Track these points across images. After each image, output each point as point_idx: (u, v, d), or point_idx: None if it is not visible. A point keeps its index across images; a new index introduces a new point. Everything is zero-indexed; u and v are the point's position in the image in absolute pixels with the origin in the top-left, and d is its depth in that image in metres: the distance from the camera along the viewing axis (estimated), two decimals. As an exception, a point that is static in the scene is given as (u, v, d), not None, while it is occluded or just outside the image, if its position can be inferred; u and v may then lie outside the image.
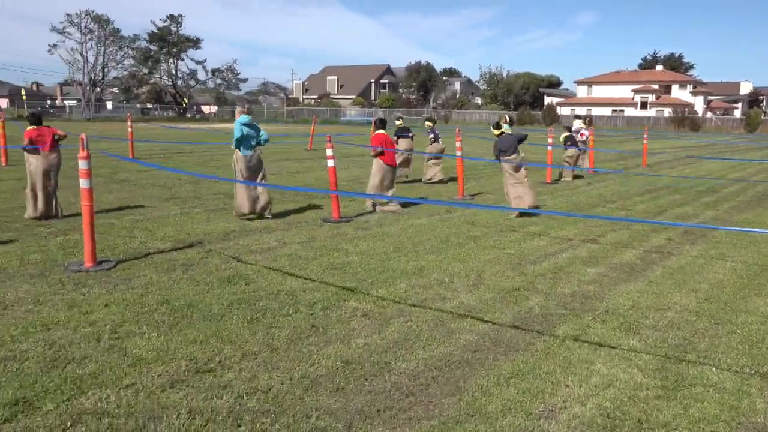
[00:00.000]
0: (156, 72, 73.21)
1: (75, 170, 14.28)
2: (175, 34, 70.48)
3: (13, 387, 3.65)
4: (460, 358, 4.33)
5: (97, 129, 35.70)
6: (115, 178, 13.79)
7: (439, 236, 8.26)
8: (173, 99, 74.01)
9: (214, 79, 75.77)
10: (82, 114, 62.88)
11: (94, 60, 66.71)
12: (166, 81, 74.16)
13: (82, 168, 6.18)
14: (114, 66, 69.06)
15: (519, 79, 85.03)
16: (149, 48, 70.71)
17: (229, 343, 4.43)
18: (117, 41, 67.61)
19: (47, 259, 6.54)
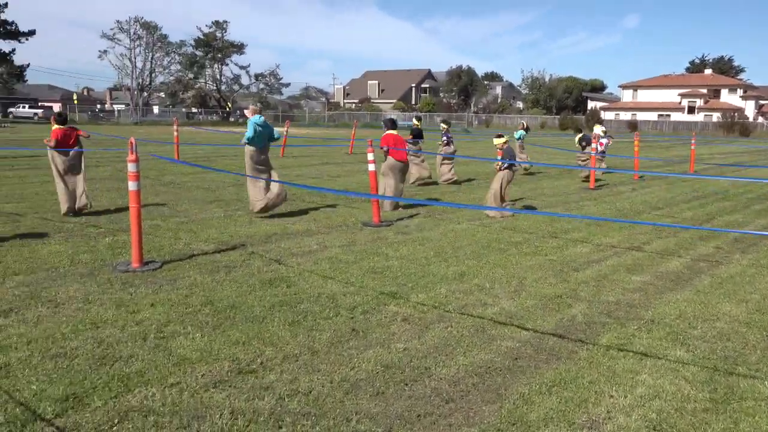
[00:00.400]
0: (201, 77, 74.76)
1: (123, 172, 14.69)
2: (220, 39, 71.85)
3: (64, 383, 3.76)
4: (500, 365, 4.29)
5: (143, 133, 36.62)
6: (161, 180, 14.11)
7: (480, 241, 8.20)
8: (217, 103, 75.40)
9: (257, 84, 76.93)
10: (130, 118, 64.61)
11: (142, 65, 68.54)
12: (211, 86, 75.63)
13: (130, 171, 6.34)
14: (161, 71, 70.83)
15: (561, 83, 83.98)
16: (195, 53, 72.27)
17: (271, 344, 4.49)
18: (164, 47, 69.28)
19: (96, 259, 6.73)
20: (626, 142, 37.53)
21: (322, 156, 22.87)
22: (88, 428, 3.27)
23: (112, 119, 65.93)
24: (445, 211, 10.54)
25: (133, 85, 68.54)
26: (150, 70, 69.34)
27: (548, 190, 14.34)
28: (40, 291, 5.54)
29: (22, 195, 11.24)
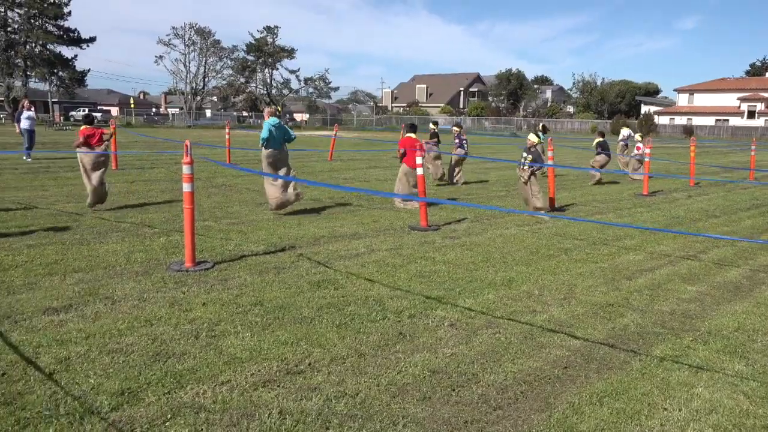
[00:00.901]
0: (252, 81, 76.28)
1: (177, 174, 15.06)
2: (271, 44, 73.16)
3: (120, 378, 3.88)
4: (550, 373, 4.22)
5: (196, 136, 37.52)
6: (213, 182, 14.42)
7: (529, 247, 8.10)
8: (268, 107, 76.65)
9: (307, 88, 77.98)
10: (183, 121, 66.30)
11: (195, 70, 70.25)
12: (262, 90, 77.04)
13: (185, 173, 6.50)
14: (214, 76, 72.46)
15: (614, 87, 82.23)
16: (246, 58, 73.76)
17: (319, 346, 4.53)
18: (217, 52, 70.87)
19: (151, 258, 6.93)
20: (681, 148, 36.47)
21: (370, 159, 22.97)
22: (142, 423, 3.36)
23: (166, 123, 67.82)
24: (493, 215, 10.45)
25: (186, 89, 70.32)
26: (203, 75, 71.05)
27: (600, 195, 14.05)
28: (98, 288, 5.73)
29: (81, 195, 11.64)
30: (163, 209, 10.22)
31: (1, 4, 55.47)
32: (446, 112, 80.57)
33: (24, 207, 10.08)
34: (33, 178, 14.09)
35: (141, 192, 12.32)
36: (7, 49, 56.32)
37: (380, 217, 10.07)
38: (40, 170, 15.95)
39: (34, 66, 57.86)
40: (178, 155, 18.89)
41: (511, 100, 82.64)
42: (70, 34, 59.40)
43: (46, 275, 6.09)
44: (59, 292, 5.55)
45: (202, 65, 70.55)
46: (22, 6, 56.25)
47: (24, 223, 8.65)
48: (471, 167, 20.21)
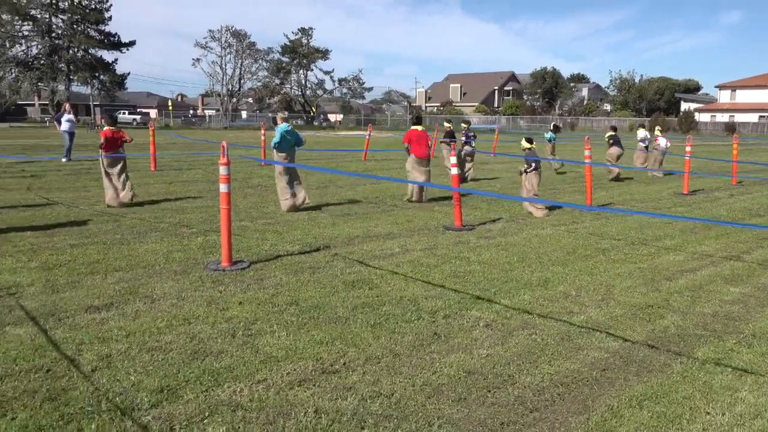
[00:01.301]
0: (287, 82, 76.98)
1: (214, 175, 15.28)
2: (306, 45, 73.73)
3: (159, 375, 3.95)
4: (587, 375, 4.15)
5: (232, 137, 38.02)
6: (249, 183, 14.60)
7: (565, 247, 7.99)
8: (302, 108, 77.28)
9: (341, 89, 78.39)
10: (220, 123, 67.29)
11: (231, 72, 71.34)
12: (296, 91, 77.69)
13: (222, 174, 6.59)
14: (249, 77, 73.42)
15: (653, 84, 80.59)
16: (281, 60, 74.48)
17: (354, 346, 4.54)
18: (253, 54, 71.77)
19: (189, 258, 7.04)
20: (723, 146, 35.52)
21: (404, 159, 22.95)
22: (181, 420, 3.42)
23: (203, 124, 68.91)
24: (529, 215, 10.34)
25: (223, 91, 71.39)
26: (239, 77, 72.05)
27: (638, 195, 13.79)
28: (138, 287, 5.85)
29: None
30: (200, 210, 10.38)
31: (46, 11, 57.09)
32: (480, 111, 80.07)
33: (67, 207, 10.35)
34: (75, 179, 14.46)
35: (179, 193, 12.53)
36: (51, 54, 57.94)
37: (414, 217, 10.06)
38: (81, 171, 16.36)
39: (76, 70, 59.40)
40: (214, 156, 19.17)
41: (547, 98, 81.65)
42: (111, 39, 60.80)
43: (88, 274, 6.25)
44: (101, 291, 5.68)
45: (238, 67, 71.61)
46: (65, 12, 57.83)
47: (67, 223, 8.88)
48: (504, 166, 20.04)
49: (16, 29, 57.19)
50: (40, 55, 58.35)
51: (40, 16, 57.24)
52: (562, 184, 15.73)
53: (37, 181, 14.05)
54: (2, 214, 9.57)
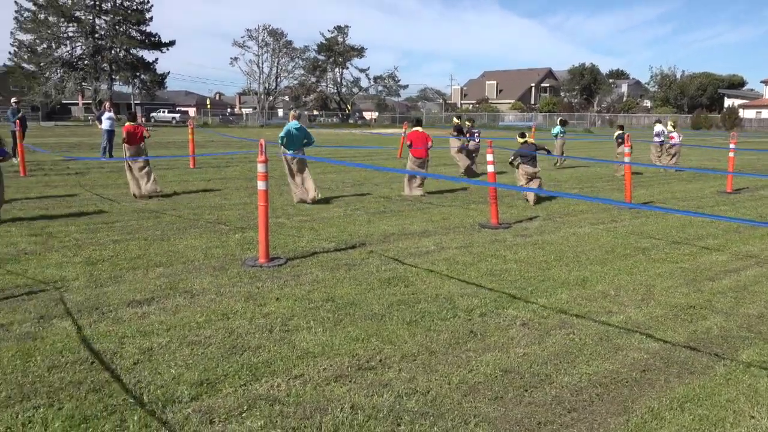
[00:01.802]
0: (323, 80, 77.43)
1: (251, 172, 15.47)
2: (342, 44, 74.03)
3: (199, 369, 4.03)
4: (627, 376, 4.08)
5: (269, 135, 38.41)
6: (285, 180, 14.71)
7: (604, 246, 7.86)
8: (337, 106, 77.67)
9: (376, 86, 78.47)
10: (257, 121, 68.10)
11: (268, 71, 72.08)
12: (332, 89, 78.07)
13: (260, 171, 6.67)
14: (286, 76, 74.10)
15: (695, 80, 78.57)
16: (317, 58, 74.95)
17: (389, 343, 4.55)
18: (289, 52, 72.40)
19: (227, 254, 7.15)
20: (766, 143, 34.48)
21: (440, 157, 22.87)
22: (220, 413, 3.48)
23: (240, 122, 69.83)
24: (567, 213, 10.21)
25: (260, 89, 72.23)
26: (276, 75, 72.76)
27: (680, 193, 13.48)
28: (178, 282, 5.96)
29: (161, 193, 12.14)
30: (237, 207, 10.53)
31: (90, 12, 58.55)
32: (517, 108, 79.28)
33: (110, 203, 10.61)
34: (117, 177, 14.79)
35: (217, 190, 12.73)
36: (95, 55, 59.41)
37: (450, 215, 10.02)
38: (122, 169, 16.71)
39: (118, 70, 60.81)
40: (251, 155, 19.41)
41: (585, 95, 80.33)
42: (152, 39, 62.03)
43: (130, 269, 6.39)
44: (142, 286, 5.81)
45: (275, 66, 72.32)
46: (108, 13, 59.21)
47: (110, 220, 9.10)
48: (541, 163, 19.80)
49: (62, 30, 58.81)
50: (84, 55, 59.89)
51: (84, 17, 58.73)
52: (601, 181, 15.48)
53: (81, 178, 14.43)
54: (49, 210, 9.86)
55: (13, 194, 11.65)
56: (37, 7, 57.02)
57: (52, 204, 10.56)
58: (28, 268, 6.35)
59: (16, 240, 7.65)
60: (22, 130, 16.05)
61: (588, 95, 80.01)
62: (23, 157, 15.31)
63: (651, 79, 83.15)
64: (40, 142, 27.18)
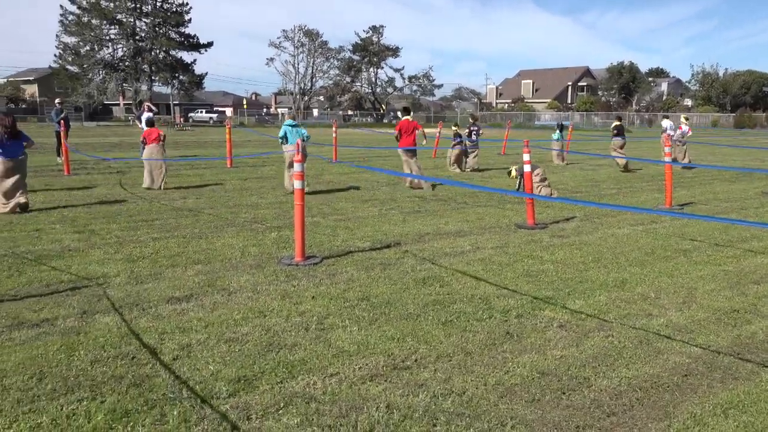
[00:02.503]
0: (357, 80, 77.70)
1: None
2: (377, 44, 74.18)
3: (236, 366, 4.08)
4: (668, 381, 4.00)
5: (304, 134, 38.63)
6: (320, 179, 14.83)
7: (643, 248, 7.71)
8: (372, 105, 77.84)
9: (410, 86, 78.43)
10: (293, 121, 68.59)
11: (304, 71, 72.67)
12: (366, 89, 78.29)
13: (296, 170, 6.72)
14: (321, 76, 74.62)
15: (738, 78, 76.46)
16: (352, 58, 75.25)
17: (425, 343, 4.54)
18: (324, 53, 72.90)
19: (263, 252, 7.22)
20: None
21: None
22: (257, 410, 3.51)
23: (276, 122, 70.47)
24: (604, 214, 10.05)
25: (295, 89, 72.85)
26: (311, 75, 73.33)
27: (722, 194, 13.13)
28: (216, 280, 6.05)
29: (199, 192, 12.35)
30: (273, 206, 10.63)
31: (131, 15, 59.86)
32: (553, 107, 78.32)
33: (149, 202, 10.82)
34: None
35: (253, 189, 12.88)
36: (135, 56, 60.71)
37: (485, 215, 9.95)
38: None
39: (158, 71, 62.02)
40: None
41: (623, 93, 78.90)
42: (190, 40, 63.09)
43: (170, 266, 6.51)
44: (181, 283, 5.91)
45: (310, 66, 72.88)
46: (148, 15, 60.45)
47: (149, 218, 9.29)
48: (579, 164, 19.54)
49: (104, 33, 60.24)
50: (125, 57, 61.26)
51: (125, 19, 60.07)
52: (640, 181, 15.19)
53: (122, 176, 14.75)
54: (91, 208, 10.10)
55: (57, 192, 11.99)
56: (81, 11, 58.55)
57: (95, 202, 10.82)
58: (72, 265, 6.52)
59: (61, 237, 7.86)
60: (66, 130, 16.47)
61: (626, 94, 78.58)
62: (67, 157, 15.72)
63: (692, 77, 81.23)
64: (83, 141, 27.89)
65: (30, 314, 4.98)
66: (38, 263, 6.56)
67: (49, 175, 15.00)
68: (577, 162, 20.47)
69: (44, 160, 18.87)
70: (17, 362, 4.06)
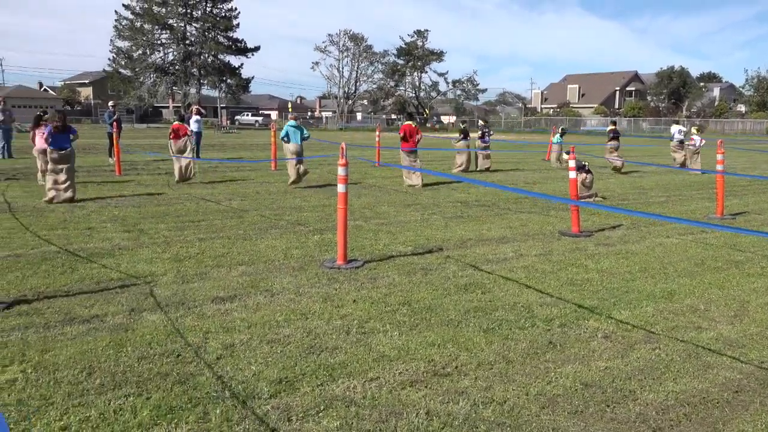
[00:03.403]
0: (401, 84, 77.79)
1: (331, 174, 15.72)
2: (421, 48, 74.16)
3: (278, 367, 4.12)
4: (718, 396, 3.87)
5: (348, 138, 38.96)
6: (364, 183, 14.90)
7: (693, 258, 7.49)
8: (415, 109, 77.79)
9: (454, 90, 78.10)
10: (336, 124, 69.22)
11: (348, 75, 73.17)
12: (410, 93, 78.31)
13: (340, 174, 6.77)
14: (365, 80, 75.01)
15: (796, 83, 73.62)
16: (396, 62, 75.41)
17: (466, 350, 4.50)
18: (369, 57, 73.26)
19: (306, 254, 7.29)
20: None
21: (518, 161, 22.51)
22: (298, 411, 3.54)
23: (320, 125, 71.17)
24: (652, 223, 9.81)
25: (339, 93, 73.40)
26: (355, 79, 73.77)
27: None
28: (259, 281, 6.13)
29: (244, 194, 12.56)
30: (316, 209, 10.72)
31: (181, 20, 61.34)
32: (600, 112, 76.91)
33: (196, 203, 11.05)
34: (202, 177, 15.40)
35: (297, 192, 13.02)
36: (185, 60, 62.17)
37: (528, 221, 9.83)
38: (209, 170, 17.40)
39: (206, 74, 63.38)
40: (329, 158, 19.75)
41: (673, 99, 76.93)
42: (238, 45, 64.26)
43: (215, 267, 6.63)
44: (225, 283, 6.02)
45: (355, 70, 73.33)
46: (198, 20, 61.86)
47: (196, 219, 9.48)
48: (626, 170, 19.13)
49: (156, 37, 61.89)
50: (175, 60, 62.79)
51: (176, 24, 61.60)
52: (689, 189, 14.77)
53: (170, 178, 15.10)
54: (140, 208, 10.38)
55: (109, 192, 12.35)
56: (134, 16, 60.28)
57: (144, 202, 11.11)
58: (121, 263, 6.70)
59: (111, 236, 8.10)
60: (118, 131, 16.96)
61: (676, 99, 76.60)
62: (119, 157, 16.18)
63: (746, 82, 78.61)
64: (135, 143, 28.65)
65: (81, 310, 5.14)
66: (89, 261, 6.77)
67: (101, 176, 15.47)
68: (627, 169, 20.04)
69: (97, 161, 19.47)
70: (68, 356, 4.20)
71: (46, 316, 4.99)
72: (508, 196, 12.70)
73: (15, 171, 16.02)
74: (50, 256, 6.96)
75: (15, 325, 4.78)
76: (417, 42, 74.49)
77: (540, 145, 27.91)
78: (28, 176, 14.70)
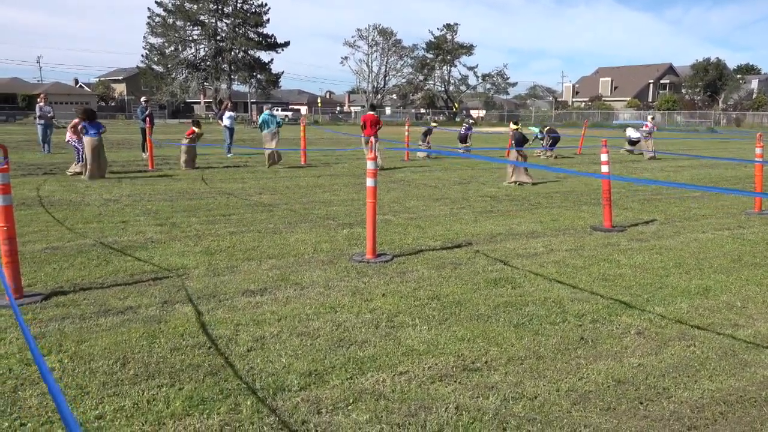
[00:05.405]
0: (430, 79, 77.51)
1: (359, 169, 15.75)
2: (450, 42, 73.76)
3: (307, 360, 4.14)
4: (755, 395, 3.77)
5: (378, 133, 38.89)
6: (392, 177, 14.89)
7: (730, 254, 7.32)
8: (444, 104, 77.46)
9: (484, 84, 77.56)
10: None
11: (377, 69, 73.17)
12: (439, 87, 77.99)
13: (369, 168, 6.76)
14: (394, 74, 74.92)
15: (838, 74, 71.45)
16: (426, 56, 75.14)
17: (495, 345, 4.47)
18: (398, 51, 73.17)
19: (335, 248, 7.31)
20: None
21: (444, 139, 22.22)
22: (327, 404, 3.56)
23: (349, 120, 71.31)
24: (687, 218, 9.62)
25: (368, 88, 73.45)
26: (384, 74, 73.73)
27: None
28: (289, 274, 6.17)
29: (274, 188, 12.65)
30: (345, 203, 10.75)
31: (213, 16, 62.01)
32: (633, 105, 75.59)
33: (227, 197, 11.17)
34: (234, 172, 15.56)
35: (326, 186, 13.08)
36: (216, 56, 62.88)
37: (559, 216, 9.72)
38: (240, 164, 17.57)
39: (237, 70, 64.02)
40: (358, 152, 19.78)
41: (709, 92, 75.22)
42: (268, 40, 64.75)
43: (245, 260, 6.69)
44: (256, 276, 6.07)
45: (384, 65, 73.31)
46: (229, 16, 62.46)
47: (227, 213, 9.59)
48: (660, 165, 18.78)
49: (187, 34, 62.67)
50: (207, 56, 63.55)
51: (207, 21, 62.30)
52: (726, 183, 14.43)
53: (202, 172, 15.29)
54: (173, 202, 10.53)
55: (142, 186, 12.55)
56: (166, 12, 61.12)
57: (177, 196, 11.26)
58: (154, 256, 6.81)
59: (145, 229, 8.23)
60: (151, 126, 17.22)
61: (712, 92, 74.91)
62: (152, 152, 16.44)
63: (786, 74, 76.44)
64: (166, 138, 29.06)
65: (116, 302, 5.23)
66: (123, 254, 6.89)
67: (134, 170, 15.73)
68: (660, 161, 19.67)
69: (130, 156, 19.82)
70: (103, 347, 4.28)
71: (81, 307, 5.10)
72: (538, 190, 12.57)
73: (52, 166, 16.38)
74: (86, 248, 7.11)
75: (52, 316, 4.89)
76: (446, 36, 74.13)
77: (572, 139, 27.55)
78: (64, 171, 15.02)
